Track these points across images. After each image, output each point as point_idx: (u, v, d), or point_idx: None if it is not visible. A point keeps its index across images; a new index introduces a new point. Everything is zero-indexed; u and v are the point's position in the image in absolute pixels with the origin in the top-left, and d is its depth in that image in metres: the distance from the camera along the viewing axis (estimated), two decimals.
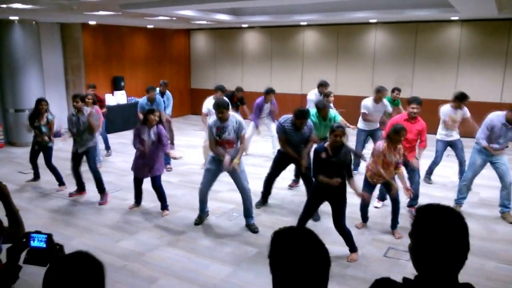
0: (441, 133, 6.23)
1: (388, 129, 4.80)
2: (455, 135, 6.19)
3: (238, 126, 4.77)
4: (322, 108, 5.68)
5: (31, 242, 1.80)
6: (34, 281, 1.40)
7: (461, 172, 6.15)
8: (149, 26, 11.70)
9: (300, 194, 5.84)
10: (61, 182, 6.37)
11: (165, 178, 6.72)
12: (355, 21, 10.24)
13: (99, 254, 3.68)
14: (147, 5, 6.90)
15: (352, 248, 4.24)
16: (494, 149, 5.07)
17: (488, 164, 5.26)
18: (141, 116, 6.49)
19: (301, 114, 4.99)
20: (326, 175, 4.01)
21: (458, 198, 5.43)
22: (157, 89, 7.94)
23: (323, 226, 4.92)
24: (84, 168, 5.97)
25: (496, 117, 5.04)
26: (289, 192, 6.22)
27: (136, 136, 5.29)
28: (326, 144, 4.07)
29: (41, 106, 6.19)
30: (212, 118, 5.00)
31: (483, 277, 3.87)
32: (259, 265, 4.03)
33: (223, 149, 4.77)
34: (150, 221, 5.18)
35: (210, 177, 4.94)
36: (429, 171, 6.59)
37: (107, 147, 8.28)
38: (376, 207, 5.51)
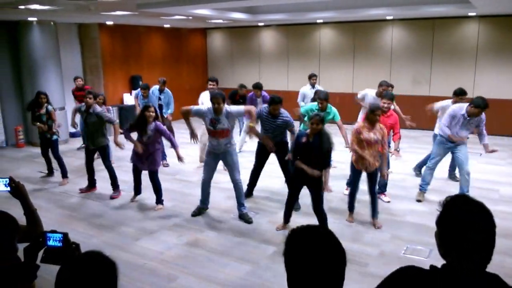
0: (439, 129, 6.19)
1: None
2: None
3: (230, 113, 4.89)
4: (323, 99, 5.70)
5: (48, 241, 1.83)
6: (52, 279, 1.42)
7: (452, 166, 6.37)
8: (165, 26, 11.77)
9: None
10: (64, 175, 6.61)
11: (184, 177, 6.81)
12: (371, 18, 10.14)
13: (119, 253, 3.72)
14: (163, 4, 6.93)
15: None
16: (455, 138, 5.27)
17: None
18: (135, 101, 7.03)
19: (273, 100, 5.25)
20: (304, 160, 4.24)
21: (422, 184, 5.67)
22: (156, 87, 8.07)
23: (339, 226, 4.89)
24: (99, 165, 6.07)
25: (458, 108, 5.25)
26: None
27: (128, 131, 5.40)
28: (308, 131, 4.31)
29: (40, 99, 6.47)
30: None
31: (502, 274, 3.77)
32: (278, 264, 4.02)
33: (216, 141, 4.95)
34: (169, 220, 5.22)
35: (209, 169, 5.20)
36: (422, 164, 6.52)
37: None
38: (345, 194, 5.59)
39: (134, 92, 7.59)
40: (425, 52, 10.29)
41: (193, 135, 5.22)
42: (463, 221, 1.33)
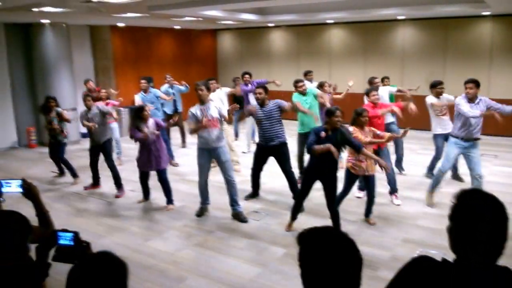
0: (436, 128, 6.21)
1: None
2: (449, 128, 6.02)
3: (219, 107, 5.10)
4: (296, 83, 6.28)
5: (59, 240, 1.84)
6: (63, 279, 1.41)
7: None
8: (176, 27, 11.83)
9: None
10: (74, 175, 6.77)
11: (193, 178, 6.78)
12: (382, 18, 10.05)
13: (129, 253, 3.71)
14: (173, 6, 6.96)
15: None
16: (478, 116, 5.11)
17: None
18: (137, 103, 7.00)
19: (258, 85, 5.60)
20: (326, 154, 4.14)
21: (432, 187, 5.54)
22: (166, 85, 8.17)
23: (347, 228, 4.83)
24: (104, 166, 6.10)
25: (459, 99, 5.26)
26: (317, 193, 6.13)
27: (134, 128, 5.46)
28: (325, 125, 4.35)
29: (49, 103, 6.66)
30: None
31: None
32: (288, 266, 3.99)
33: (207, 132, 5.00)
34: (179, 221, 5.22)
35: (204, 170, 5.24)
36: (431, 167, 6.51)
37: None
38: (358, 197, 5.64)
39: (137, 96, 7.64)
40: (438, 52, 10.16)
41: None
42: (475, 213, 1.32)
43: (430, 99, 6.10)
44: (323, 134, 4.23)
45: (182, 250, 4.45)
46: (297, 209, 4.81)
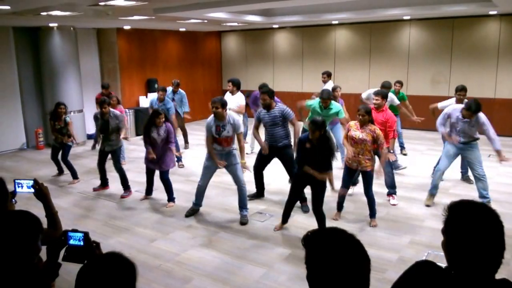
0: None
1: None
2: None
3: (234, 124, 5.05)
4: (325, 98, 5.97)
5: (69, 240, 1.87)
6: (71, 280, 1.44)
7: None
8: (181, 29, 11.89)
9: (334, 198, 5.76)
10: (75, 176, 6.92)
11: (198, 179, 6.82)
12: (388, 19, 10.01)
13: (135, 254, 3.75)
14: (179, 8, 7.00)
15: None
16: (447, 137, 5.31)
17: None
18: (150, 111, 6.88)
19: (261, 86, 5.57)
20: (310, 164, 4.35)
21: (431, 188, 5.54)
22: (170, 88, 8.35)
23: (354, 230, 4.83)
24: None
25: (453, 110, 5.28)
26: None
27: (145, 135, 5.66)
28: (310, 136, 4.36)
29: (60, 109, 6.76)
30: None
31: None
32: (293, 267, 4.00)
33: (220, 147, 5.07)
34: (184, 221, 5.25)
35: (208, 173, 5.29)
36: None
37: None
38: (349, 194, 5.53)
39: (149, 99, 7.72)
40: (444, 52, 10.10)
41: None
42: (470, 227, 1.27)
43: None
44: (307, 145, 4.37)
45: (188, 250, 4.48)
46: (287, 213, 4.86)
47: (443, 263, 3.61)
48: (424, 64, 10.33)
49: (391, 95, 6.81)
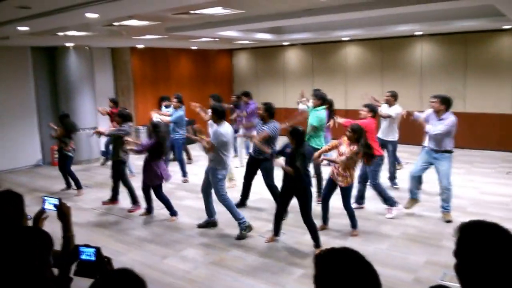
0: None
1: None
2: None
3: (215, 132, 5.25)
4: (317, 98, 6.21)
5: (81, 255, 1.87)
6: None
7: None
8: (193, 47, 12.07)
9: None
10: (79, 187, 7.14)
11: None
12: (399, 35, 9.97)
13: (147, 271, 3.71)
14: (191, 27, 7.14)
15: (317, 243, 4.64)
16: (428, 127, 5.42)
17: None
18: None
19: (264, 105, 5.76)
20: (289, 165, 4.60)
21: (412, 193, 5.66)
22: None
23: (366, 248, 4.74)
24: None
25: (430, 113, 5.54)
26: (337, 211, 6.06)
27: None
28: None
29: (65, 121, 7.14)
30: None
31: None
32: (305, 286, 3.92)
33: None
34: (195, 239, 5.23)
35: (205, 181, 5.44)
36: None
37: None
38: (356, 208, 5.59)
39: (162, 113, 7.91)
40: (458, 67, 9.99)
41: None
42: (481, 249, 1.23)
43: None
44: (288, 150, 4.72)
45: (199, 268, 4.45)
46: (277, 225, 5.00)
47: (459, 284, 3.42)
48: (438, 80, 10.19)
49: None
